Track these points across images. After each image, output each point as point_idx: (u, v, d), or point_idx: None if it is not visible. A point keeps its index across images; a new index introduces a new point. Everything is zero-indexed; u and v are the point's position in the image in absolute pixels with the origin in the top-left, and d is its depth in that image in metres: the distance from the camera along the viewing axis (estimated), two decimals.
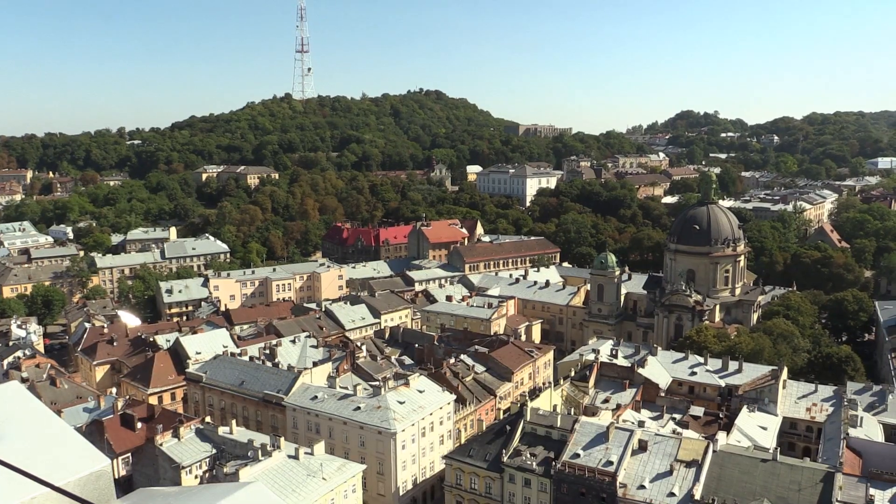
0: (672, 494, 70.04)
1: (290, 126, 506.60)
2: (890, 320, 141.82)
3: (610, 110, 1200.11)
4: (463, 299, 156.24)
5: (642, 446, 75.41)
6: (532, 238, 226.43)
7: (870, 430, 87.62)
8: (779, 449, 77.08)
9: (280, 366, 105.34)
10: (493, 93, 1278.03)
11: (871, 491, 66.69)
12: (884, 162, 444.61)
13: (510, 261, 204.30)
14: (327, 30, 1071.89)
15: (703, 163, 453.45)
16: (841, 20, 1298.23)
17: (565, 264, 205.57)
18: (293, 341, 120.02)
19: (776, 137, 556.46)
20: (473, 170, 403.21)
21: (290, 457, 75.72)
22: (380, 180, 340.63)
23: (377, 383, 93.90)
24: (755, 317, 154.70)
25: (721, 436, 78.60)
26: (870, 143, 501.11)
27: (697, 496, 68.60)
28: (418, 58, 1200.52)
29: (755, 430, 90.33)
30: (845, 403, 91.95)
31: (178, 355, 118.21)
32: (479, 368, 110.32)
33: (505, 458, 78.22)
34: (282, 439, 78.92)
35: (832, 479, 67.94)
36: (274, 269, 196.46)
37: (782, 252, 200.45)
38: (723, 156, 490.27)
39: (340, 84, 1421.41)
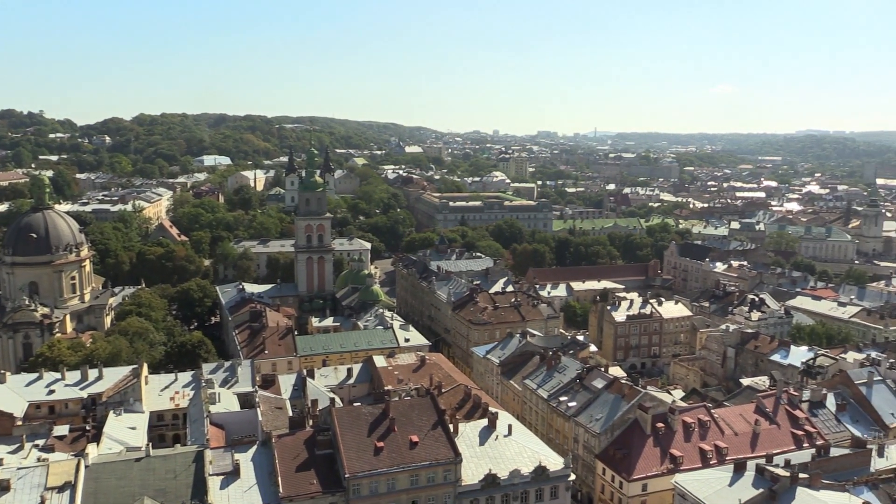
0: None
1: None
2: (230, 301, 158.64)
3: None
4: None
5: (4, 486, 67.72)
6: None
7: (228, 403, 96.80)
8: (150, 444, 78.88)
9: None
10: None
11: (237, 456, 74.47)
12: (209, 159, 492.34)
13: None
14: None
15: (33, 165, 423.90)
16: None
17: None
18: None
19: (108, 138, 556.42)
20: None
21: None
22: None
23: None
24: (108, 320, 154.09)
25: (91, 448, 76.17)
26: (195, 142, 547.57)
27: None
28: None
29: (125, 432, 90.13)
30: (203, 384, 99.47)
31: None
32: None
33: None
34: None
35: (202, 457, 73.26)
36: None
37: (127, 251, 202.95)
38: (54, 158, 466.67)
39: None
